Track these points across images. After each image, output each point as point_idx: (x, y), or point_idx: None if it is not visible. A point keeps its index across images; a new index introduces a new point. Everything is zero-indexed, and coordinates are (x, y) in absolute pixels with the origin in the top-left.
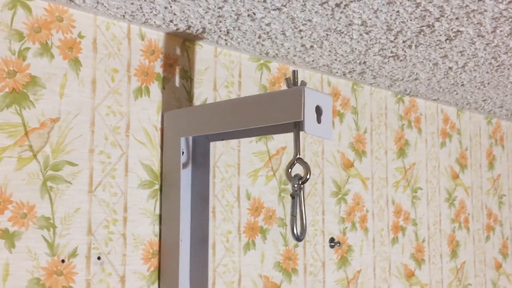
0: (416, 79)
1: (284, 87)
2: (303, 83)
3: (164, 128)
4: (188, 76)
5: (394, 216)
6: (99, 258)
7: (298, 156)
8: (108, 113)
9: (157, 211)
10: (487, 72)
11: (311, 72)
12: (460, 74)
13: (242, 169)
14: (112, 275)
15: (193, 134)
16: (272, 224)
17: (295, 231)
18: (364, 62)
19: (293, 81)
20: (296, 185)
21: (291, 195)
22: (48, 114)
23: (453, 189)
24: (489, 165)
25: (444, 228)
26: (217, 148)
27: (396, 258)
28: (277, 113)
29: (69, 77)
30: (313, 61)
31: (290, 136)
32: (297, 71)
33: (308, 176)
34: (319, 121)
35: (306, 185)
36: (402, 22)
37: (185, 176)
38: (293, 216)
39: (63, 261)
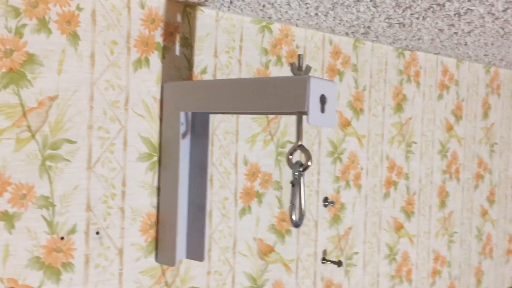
0: (419, 39)
1: (285, 48)
2: (308, 69)
3: (163, 99)
4: (188, 43)
5: (388, 172)
6: (97, 233)
7: (300, 143)
8: (107, 87)
9: (155, 183)
10: (492, 37)
11: (313, 31)
12: (465, 37)
13: (241, 135)
14: (111, 248)
15: (193, 110)
16: (268, 188)
17: (293, 218)
18: (369, 27)
19: (298, 67)
20: (296, 173)
21: (291, 182)
22: (46, 92)
23: (446, 141)
24: (484, 114)
25: (435, 180)
26: (216, 116)
27: (387, 212)
28: (280, 101)
29: (67, 52)
30: (316, 23)
31: None
32: (302, 56)
33: (309, 163)
34: (323, 110)
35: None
36: (412, 0)
37: (184, 146)
38: (292, 204)
39: (62, 238)
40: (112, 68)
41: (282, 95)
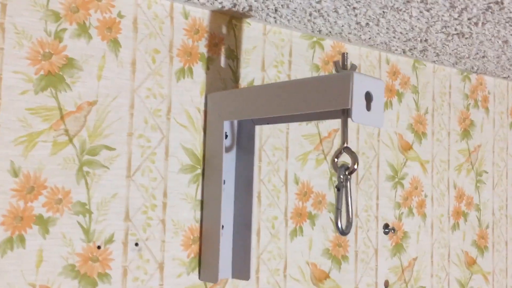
0: (483, 56)
1: None
2: (353, 67)
3: (207, 110)
4: (234, 55)
5: (456, 201)
6: (136, 244)
7: (345, 145)
8: (149, 95)
9: (199, 197)
10: None
11: (368, 50)
12: None
13: (291, 152)
14: (150, 262)
15: (237, 117)
16: (322, 209)
17: (339, 225)
18: (426, 40)
19: (342, 65)
20: (342, 176)
21: (336, 186)
22: (85, 97)
23: None
24: None
25: (511, 213)
26: (263, 131)
27: (456, 245)
28: (324, 99)
29: (107, 58)
30: (369, 38)
31: None
32: (347, 54)
33: (355, 167)
34: (368, 108)
35: (360, 169)
36: None
37: (229, 159)
38: (338, 209)
39: (99, 247)
40: (153, 76)
41: (326, 93)
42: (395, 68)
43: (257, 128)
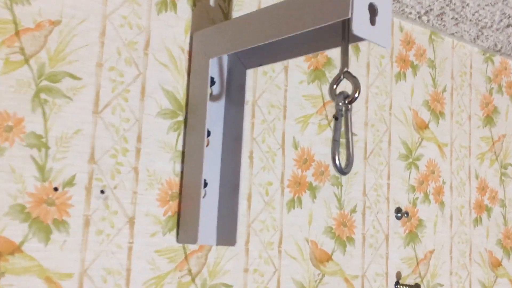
0: (508, 25)
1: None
2: None
3: (192, 51)
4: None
5: (478, 193)
6: (102, 191)
7: (345, 70)
8: (123, 24)
9: (179, 147)
10: None
11: None
12: None
13: (289, 112)
14: (118, 214)
15: (223, 52)
16: (324, 181)
17: (337, 161)
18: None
19: None
20: (341, 103)
21: (334, 115)
22: (46, 14)
23: None
24: None
25: None
26: (258, 84)
27: (479, 242)
28: (321, 13)
29: None
30: None
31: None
32: None
33: (356, 95)
34: (373, 22)
35: (369, 142)
36: None
37: (216, 109)
38: (336, 140)
39: (56, 189)
40: (130, 4)
41: (323, 5)
42: (410, 37)
43: (251, 80)
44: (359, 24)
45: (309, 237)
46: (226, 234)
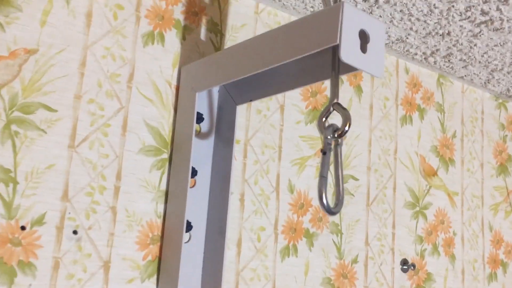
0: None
1: None
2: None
3: (180, 85)
4: (218, 30)
5: (492, 246)
6: (75, 232)
7: (335, 101)
8: (106, 55)
9: (163, 187)
10: None
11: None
12: None
13: (285, 153)
14: (92, 257)
15: (210, 85)
16: (322, 228)
17: (324, 200)
18: (448, 33)
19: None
20: (329, 137)
21: (321, 150)
22: (22, 42)
23: None
24: None
25: None
26: (251, 122)
27: None
28: (309, 41)
29: (55, 3)
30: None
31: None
32: None
33: (346, 128)
34: (364, 49)
35: (372, 188)
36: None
37: (204, 147)
38: (323, 176)
39: (23, 227)
40: (114, 35)
41: (312, 32)
42: (416, 79)
43: (243, 118)
44: (349, 51)
45: None
46: (211, 282)
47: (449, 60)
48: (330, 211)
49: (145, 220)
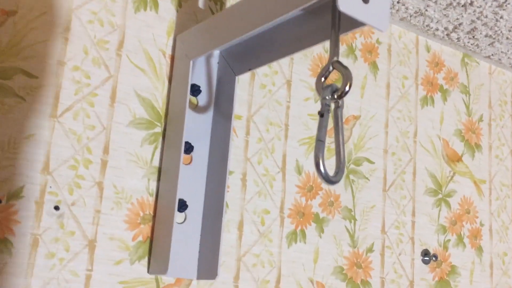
0: None
1: None
2: None
3: (175, 55)
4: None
5: None
6: (57, 208)
7: (335, 59)
8: (92, 20)
9: (156, 163)
10: None
11: (401, 29)
12: None
13: (292, 132)
14: (76, 236)
15: (205, 51)
16: (334, 213)
17: (321, 167)
18: (471, 3)
19: None
20: (328, 97)
21: (319, 112)
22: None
23: None
24: None
25: None
26: (255, 98)
27: None
28: None
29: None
30: (398, 2)
31: (365, 103)
32: None
33: (347, 88)
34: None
35: (389, 173)
36: None
37: (202, 122)
38: (320, 140)
39: None
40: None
41: None
42: (438, 58)
43: (245, 93)
44: (348, 0)
45: (315, 277)
46: (208, 266)
47: (473, 36)
48: (329, 180)
49: (135, 198)
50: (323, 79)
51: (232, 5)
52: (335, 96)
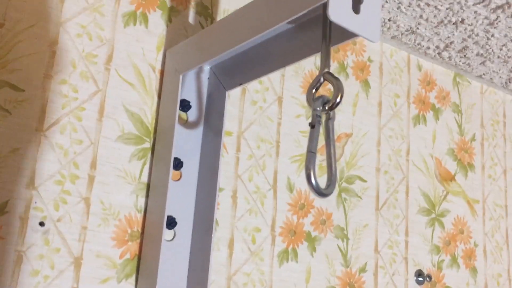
0: None
1: None
2: None
3: (165, 70)
4: (208, 14)
5: None
6: (42, 224)
7: (326, 71)
8: (81, 33)
9: (145, 179)
10: None
11: (393, 47)
12: None
13: (283, 149)
14: (61, 252)
15: (194, 65)
16: (326, 232)
17: (312, 179)
18: (462, 21)
19: None
20: (318, 108)
21: (310, 123)
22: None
23: None
24: None
25: None
26: (245, 114)
27: None
28: (294, 2)
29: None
30: (389, 20)
31: (356, 120)
32: None
33: (338, 99)
34: (356, 10)
35: (382, 191)
36: None
37: (191, 138)
38: (311, 152)
39: None
40: (91, 13)
41: None
42: (430, 77)
43: (236, 109)
44: (338, 9)
45: None
46: (197, 285)
47: (465, 55)
48: (320, 192)
49: (123, 214)
50: (314, 90)
51: (221, 19)
52: (326, 108)
